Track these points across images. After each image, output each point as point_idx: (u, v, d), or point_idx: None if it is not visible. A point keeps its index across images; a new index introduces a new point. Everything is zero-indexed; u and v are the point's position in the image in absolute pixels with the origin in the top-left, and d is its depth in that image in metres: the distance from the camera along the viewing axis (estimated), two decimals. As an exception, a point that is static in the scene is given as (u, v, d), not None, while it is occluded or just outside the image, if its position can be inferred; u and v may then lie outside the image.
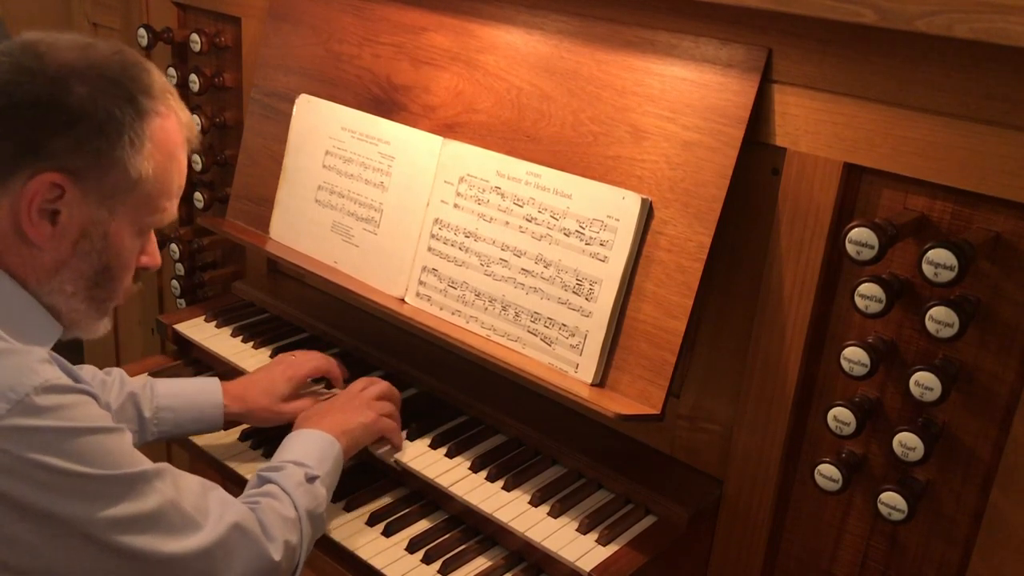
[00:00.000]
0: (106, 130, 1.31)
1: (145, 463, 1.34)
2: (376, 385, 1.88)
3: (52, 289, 1.37)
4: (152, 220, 1.42)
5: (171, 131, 1.41)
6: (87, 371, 1.82)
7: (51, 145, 1.28)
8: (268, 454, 1.88)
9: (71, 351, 1.39)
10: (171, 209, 1.45)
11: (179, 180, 1.45)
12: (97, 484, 1.26)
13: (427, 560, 1.64)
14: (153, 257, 1.49)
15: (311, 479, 1.59)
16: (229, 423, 1.89)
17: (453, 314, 1.84)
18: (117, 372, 1.86)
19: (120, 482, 1.28)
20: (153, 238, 1.49)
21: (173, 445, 2.02)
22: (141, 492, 1.30)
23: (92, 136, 1.31)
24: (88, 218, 1.34)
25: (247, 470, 1.87)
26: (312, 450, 1.65)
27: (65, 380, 1.27)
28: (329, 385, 2.00)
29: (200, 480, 1.44)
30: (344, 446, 1.70)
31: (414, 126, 1.93)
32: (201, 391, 1.86)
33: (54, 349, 1.37)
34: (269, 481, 1.56)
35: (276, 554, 1.45)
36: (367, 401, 1.81)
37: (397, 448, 1.84)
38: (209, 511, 1.40)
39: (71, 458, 1.24)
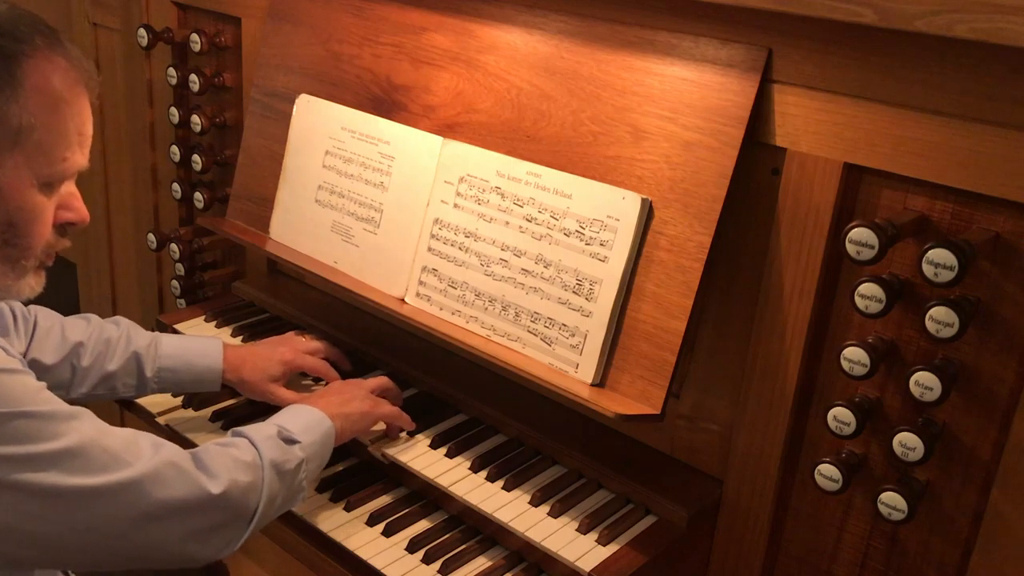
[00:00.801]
0: None
1: (56, 404, 1.30)
2: (375, 379, 1.89)
3: None
4: (54, 172, 1.36)
5: (53, 73, 1.32)
6: (93, 321, 1.85)
7: None
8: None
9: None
10: (75, 159, 1.38)
11: (78, 126, 1.37)
12: None
13: (427, 560, 1.64)
14: (78, 212, 1.43)
15: (286, 439, 1.57)
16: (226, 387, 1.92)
17: (453, 314, 1.84)
18: (126, 325, 1.87)
19: (22, 418, 1.25)
20: (74, 191, 1.43)
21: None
22: (53, 431, 1.27)
23: None
24: None
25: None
26: (298, 420, 1.64)
27: None
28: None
29: (132, 429, 1.41)
30: (338, 427, 1.69)
31: (414, 126, 1.93)
32: (204, 355, 1.88)
33: None
34: (239, 435, 1.55)
35: (215, 487, 1.41)
36: (365, 392, 1.82)
37: (409, 427, 1.85)
38: (141, 450, 1.36)
39: None
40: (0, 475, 1.23)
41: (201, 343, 1.92)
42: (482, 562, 1.67)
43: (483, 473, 1.77)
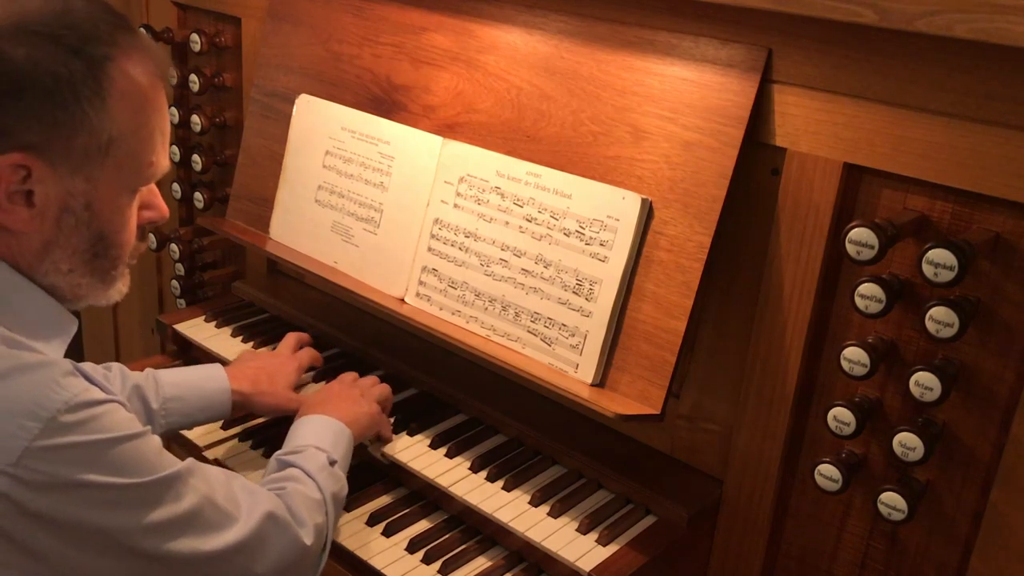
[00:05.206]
0: (57, 93, 1.17)
1: (176, 463, 1.29)
2: (378, 387, 1.89)
3: (47, 270, 1.27)
4: (142, 178, 1.31)
5: (136, 72, 1.25)
6: (86, 368, 1.80)
7: (2, 123, 1.16)
8: (256, 446, 1.92)
9: (70, 351, 1.38)
10: (160, 162, 1.33)
11: (160, 124, 1.31)
12: (138, 492, 1.22)
13: (427, 560, 1.64)
14: (158, 210, 1.40)
15: (332, 463, 1.58)
16: (236, 409, 1.85)
17: (453, 314, 1.84)
18: (117, 368, 1.83)
19: (158, 486, 1.24)
20: (155, 190, 1.39)
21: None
22: (178, 493, 1.27)
23: (43, 103, 1.17)
24: (65, 192, 1.23)
25: (237, 463, 1.88)
26: (326, 435, 1.64)
27: (92, 393, 1.21)
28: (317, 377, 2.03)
29: (221, 470, 1.41)
30: (355, 434, 1.70)
31: (414, 126, 1.93)
32: (207, 378, 1.82)
33: None
34: (290, 465, 1.55)
35: (308, 538, 1.44)
36: (364, 391, 1.82)
37: (388, 440, 1.84)
38: (240, 501, 1.37)
39: (109, 470, 1.19)
40: (143, 545, 1.23)
41: (202, 368, 1.87)
42: (482, 562, 1.67)
43: (483, 473, 1.77)
